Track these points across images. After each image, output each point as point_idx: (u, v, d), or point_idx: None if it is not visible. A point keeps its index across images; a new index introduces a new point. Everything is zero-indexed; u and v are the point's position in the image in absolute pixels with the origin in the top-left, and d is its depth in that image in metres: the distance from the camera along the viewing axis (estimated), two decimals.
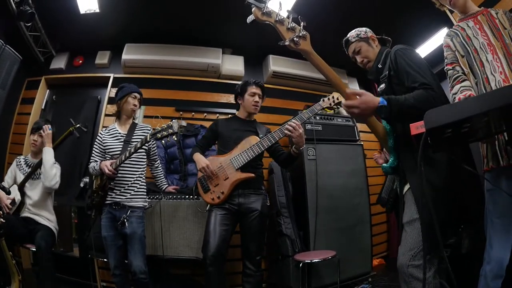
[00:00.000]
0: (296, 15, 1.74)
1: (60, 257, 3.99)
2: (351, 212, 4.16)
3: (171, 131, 2.78)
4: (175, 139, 2.86)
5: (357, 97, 1.76)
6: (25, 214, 3.30)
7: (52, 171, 3.27)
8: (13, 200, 3.20)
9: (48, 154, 3.32)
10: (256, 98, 3.19)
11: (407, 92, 1.84)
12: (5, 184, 3.29)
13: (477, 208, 1.94)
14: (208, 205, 3.10)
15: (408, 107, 1.73)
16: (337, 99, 3.08)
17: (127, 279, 3.06)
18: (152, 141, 3.24)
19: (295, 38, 1.71)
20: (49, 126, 3.40)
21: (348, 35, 2.34)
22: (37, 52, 4.46)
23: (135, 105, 3.23)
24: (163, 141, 2.90)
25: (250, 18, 1.72)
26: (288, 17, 1.72)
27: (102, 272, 3.96)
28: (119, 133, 3.18)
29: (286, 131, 2.83)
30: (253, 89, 3.19)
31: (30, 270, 3.87)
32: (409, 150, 1.88)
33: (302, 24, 1.73)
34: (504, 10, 2.00)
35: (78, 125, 3.67)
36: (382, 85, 2.05)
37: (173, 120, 2.85)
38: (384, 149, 3.10)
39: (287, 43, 1.72)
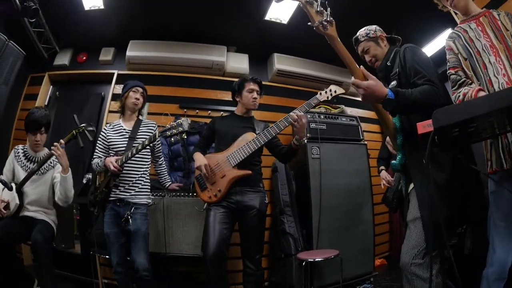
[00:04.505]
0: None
1: (62, 254, 3.98)
2: (354, 212, 4.15)
3: (181, 129, 2.73)
4: (185, 137, 2.81)
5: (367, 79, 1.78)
6: (24, 213, 3.10)
7: (72, 193, 3.13)
8: (7, 204, 3.00)
9: (70, 181, 3.08)
10: (255, 94, 3.20)
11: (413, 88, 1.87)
12: (4, 177, 3.14)
13: (481, 209, 1.94)
14: (206, 204, 3.09)
15: (414, 102, 1.75)
16: (335, 91, 3.07)
17: (129, 276, 3.04)
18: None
19: (323, 22, 1.70)
20: (62, 142, 2.99)
21: (357, 34, 2.36)
22: (40, 48, 4.43)
23: (136, 99, 3.19)
24: (172, 139, 2.84)
25: None
26: (316, 0, 1.71)
27: (103, 269, 3.94)
28: (124, 129, 3.17)
29: (290, 119, 2.81)
30: (251, 85, 3.21)
31: (32, 266, 3.88)
32: (415, 149, 1.91)
33: (328, 9, 1.73)
34: (506, 12, 1.98)
35: (83, 126, 3.20)
36: (394, 82, 2.07)
37: (183, 118, 2.79)
38: (387, 141, 3.11)
39: (316, 25, 1.71)
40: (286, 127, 2.93)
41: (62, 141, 2.99)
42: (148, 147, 3.04)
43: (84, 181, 4.04)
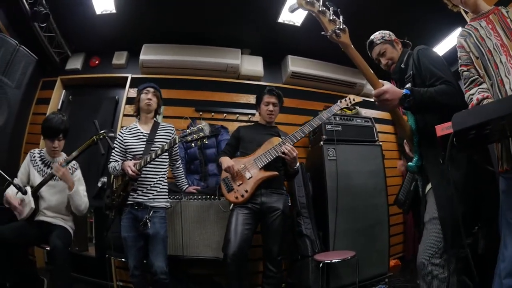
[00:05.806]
0: (335, 8, 1.75)
1: (75, 256, 3.97)
2: (370, 213, 4.15)
3: (202, 134, 2.70)
4: (206, 142, 2.80)
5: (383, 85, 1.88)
6: (40, 218, 3.05)
7: (84, 206, 3.13)
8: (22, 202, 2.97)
9: (77, 196, 3.05)
10: (270, 107, 3.31)
11: None
12: (19, 180, 3.09)
13: (495, 208, 1.94)
14: (232, 205, 3.12)
15: (430, 97, 1.86)
16: (353, 100, 3.23)
17: (146, 280, 3.04)
18: None
19: (336, 30, 1.72)
20: (62, 162, 2.97)
21: (372, 37, 2.41)
22: (52, 52, 4.45)
23: (149, 99, 3.17)
24: (193, 143, 2.83)
25: (293, 6, 1.71)
26: (328, 8, 1.73)
27: (118, 272, 3.94)
28: (141, 132, 3.15)
29: (281, 154, 2.95)
30: (266, 98, 3.33)
31: (44, 269, 3.88)
32: (431, 149, 1.97)
33: (341, 17, 1.76)
34: None
35: (104, 133, 3.02)
36: (408, 85, 2.09)
37: (204, 123, 2.78)
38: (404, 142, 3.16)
39: (329, 33, 1.73)
40: (310, 132, 3.08)
41: (61, 160, 3.01)
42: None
43: (99, 184, 4.03)
